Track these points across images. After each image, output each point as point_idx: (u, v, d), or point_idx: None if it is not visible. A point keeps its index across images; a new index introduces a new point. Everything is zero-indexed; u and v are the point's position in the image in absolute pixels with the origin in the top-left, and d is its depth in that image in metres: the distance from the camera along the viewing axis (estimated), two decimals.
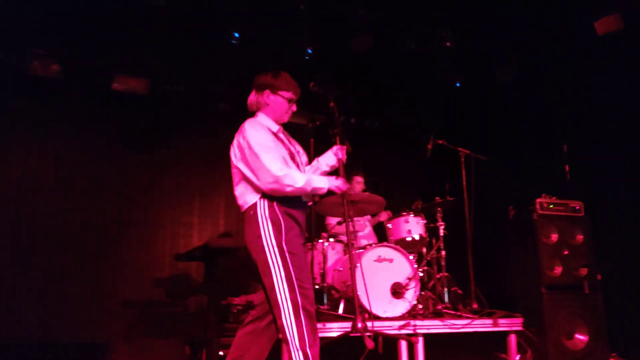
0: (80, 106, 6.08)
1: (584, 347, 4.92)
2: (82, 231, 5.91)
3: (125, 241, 6.11)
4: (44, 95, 5.89)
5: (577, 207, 5.37)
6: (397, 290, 4.43)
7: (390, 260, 4.54)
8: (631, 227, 5.75)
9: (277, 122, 3.19)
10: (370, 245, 4.67)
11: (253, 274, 3.32)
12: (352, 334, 3.22)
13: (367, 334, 2.96)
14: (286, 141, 3.22)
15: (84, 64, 5.95)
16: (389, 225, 5.13)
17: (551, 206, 5.25)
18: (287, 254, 2.91)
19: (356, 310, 3.35)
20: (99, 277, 5.90)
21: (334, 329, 4.04)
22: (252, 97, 3.22)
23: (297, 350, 2.81)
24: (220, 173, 6.66)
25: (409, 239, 4.86)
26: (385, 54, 6.53)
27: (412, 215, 4.91)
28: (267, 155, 2.97)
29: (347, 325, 4.09)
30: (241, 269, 6.24)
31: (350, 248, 3.44)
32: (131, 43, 5.96)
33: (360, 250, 4.68)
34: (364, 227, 5.55)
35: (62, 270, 5.76)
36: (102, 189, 6.09)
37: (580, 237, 5.24)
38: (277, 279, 2.89)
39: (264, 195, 3.00)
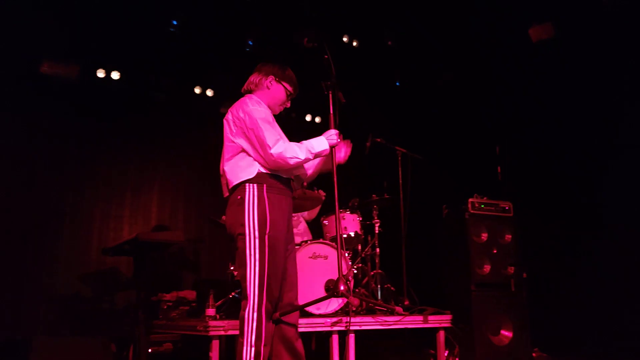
0: (4, 91, 5.72)
1: (509, 342, 5.10)
2: (5, 224, 5.57)
3: (50, 234, 5.80)
4: None
5: (507, 208, 5.55)
6: (331, 287, 4.43)
7: (325, 257, 4.54)
8: (556, 227, 6.03)
9: (272, 109, 3.23)
10: (306, 242, 4.65)
11: (185, 270, 3.29)
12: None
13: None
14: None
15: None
16: (325, 222, 5.14)
17: (482, 206, 5.40)
18: (267, 249, 2.89)
19: (339, 273, 3.17)
20: (22, 272, 5.59)
21: None
22: (254, 78, 3.24)
23: (251, 347, 2.80)
24: (153, 166, 6.46)
25: (344, 235, 4.87)
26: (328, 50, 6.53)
27: (348, 212, 4.92)
28: (270, 129, 2.98)
29: None
30: (173, 264, 6.09)
31: (339, 237, 3.49)
32: (62, 26, 5.66)
33: (296, 247, 4.65)
34: (298, 224, 5.52)
35: None
36: (26, 180, 5.75)
37: (508, 237, 5.43)
38: (250, 272, 2.87)
39: (255, 179, 2.96)
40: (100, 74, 6.07)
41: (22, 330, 5.18)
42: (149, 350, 4.41)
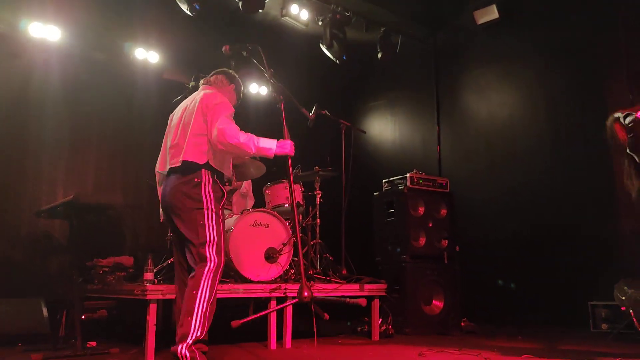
0: None
1: (440, 312, 5.34)
2: None
3: None
4: None
5: (444, 183, 5.76)
6: (271, 255, 4.48)
7: (267, 225, 4.57)
8: (487, 203, 6.33)
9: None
10: (248, 210, 4.66)
11: (123, 236, 3.30)
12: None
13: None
14: None
15: None
16: (267, 192, 5.15)
17: (420, 181, 5.58)
18: (222, 221, 3.38)
19: (302, 279, 3.46)
20: None
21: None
22: (221, 79, 3.80)
23: (205, 300, 3.16)
24: (90, 126, 6.25)
25: (286, 205, 4.91)
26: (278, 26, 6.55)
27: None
28: (227, 114, 3.38)
29: (219, 287, 4.08)
30: (110, 229, 5.95)
31: (296, 222, 3.62)
32: None
33: (238, 215, 4.66)
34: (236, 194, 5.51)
35: None
36: None
37: (444, 211, 5.64)
38: (210, 240, 3.26)
39: (208, 166, 3.36)
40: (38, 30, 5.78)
41: None
42: (82, 317, 4.32)
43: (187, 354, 3.05)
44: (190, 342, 3.07)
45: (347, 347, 4.44)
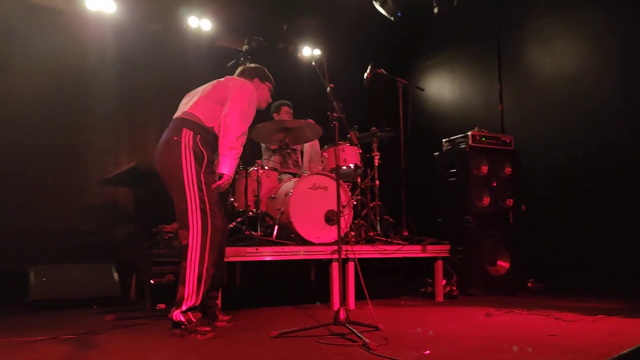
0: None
1: (505, 272, 5.19)
2: (2, 157, 5.52)
3: (49, 169, 5.78)
4: None
5: (508, 141, 5.53)
6: (331, 217, 4.45)
7: (325, 188, 4.53)
8: (554, 162, 6.03)
9: (258, 102, 3.70)
10: (305, 173, 4.63)
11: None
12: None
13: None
14: None
15: None
16: (325, 155, 5.10)
17: (483, 139, 5.37)
18: (204, 186, 3.25)
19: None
20: (21, 207, 5.59)
21: (266, 253, 4.04)
22: (248, 72, 3.79)
23: (195, 269, 3.17)
24: (149, 99, 6.36)
25: (344, 167, 4.84)
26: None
27: (347, 144, 4.88)
28: (248, 114, 3.45)
29: (279, 249, 4.11)
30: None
31: (338, 188, 3.50)
32: None
33: (296, 178, 4.64)
34: (293, 157, 5.48)
35: None
36: (20, 115, 5.65)
37: (508, 170, 5.43)
38: (191, 205, 3.22)
39: (190, 127, 3.31)
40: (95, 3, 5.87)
41: (23, 262, 5.23)
42: (151, 282, 4.46)
43: (182, 318, 3.12)
44: (185, 308, 3.13)
45: (411, 308, 4.39)
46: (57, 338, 3.04)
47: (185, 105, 3.49)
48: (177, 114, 3.49)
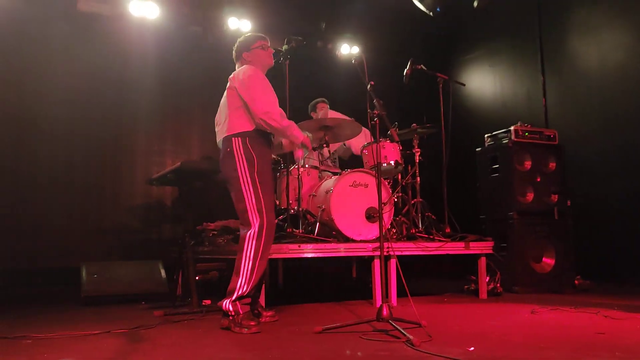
0: (43, 23, 5.76)
1: (551, 269, 5.10)
2: (50, 160, 5.75)
3: (97, 170, 6.00)
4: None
5: (552, 135, 5.42)
6: (372, 215, 4.46)
7: (366, 186, 4.55)
8: (601, 157, 5.86)
9: (264, 70, 3.75)
10: (346, 170, 4.66)
11: (228, 200, 3.47)
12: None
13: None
14: None
15: None
16: (365, 152, 5.11)
17: (526, 134, 5.28)
18: (259, 185, 3.45)
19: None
20: (71, 206, 5.82)
21: (308, 251, 4.09)
22: (239, 65, 3.77)
23: (250, 260, 3.36)
24: (191, 99, 6.50)
25: (384, 164, 4.84)
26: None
27: (388, 141, 4.87)
28: (265, 93, 3.51)
29: (321, 246, 4.15)
30: (216, 193, 6.21)
31: (379, 183, 3.49)
32: None
33: (336, 176, 4.67)
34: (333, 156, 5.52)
35: (34, 199, 5.66)
36: (66, 117, 5.87)
37: (553, 165, 5.32)
38: (249, 205, 3.43)
39: (237, 134, 3.49)
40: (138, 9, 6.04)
41: (75, 260, 5.44)
42: (197, 278, 4.57)
43: (231, 308, 3.28)
44: (234, 297, 3.29)
45: (454, 305, 4.37)
46: (111, 332, 3.16)
47: (223, 126, 3.64)
48: (220, 137, 3.65)
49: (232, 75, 3.66)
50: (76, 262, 5.04)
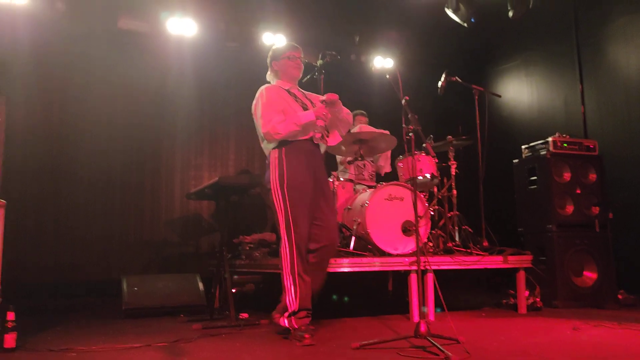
0: (84, 42, 5.96)
1: (593, 284, 4.97)
2: (92, 175, 5.92)
3: (137, 184, 6.15)
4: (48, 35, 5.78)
5: (592, 146, 5.31)
6: (408, 228, 4.45)
7: (401, 199, 4.54)
8: None
9: (291, 80, 3.80)
10: (381, 184, 4.66)
11: (263, 213, 3.52)
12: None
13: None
14: (299, 96, 3.76)
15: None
16: (400, 165, 5.10)
17: (565, 144, 5.19)
18: (287, 198, 3.45)
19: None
20: (111, 219, 5.97)
21: (344, 265, 4.09)
22: (267, 76, 3.86)
23: (289, 276, 3.40)
24: (227, 114, 6.61)
25: (420, 177, 4.82)
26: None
27: (423, 154, 4.86)
28: (265, 114, 3.54)
29: (356, 260, 4.15)
30: (252, 207, 6.30)
31: (415, 194, 3.49)
32: None
33: (371, 189, 4.68)
34: (369, 169, 5.51)
35: (75, 213, 5.82)
36: (107, 135, 6.04)
37: (593, 176, 5.21)
38: (280, 218, 3.48)
39: (275, 145, 3.56)
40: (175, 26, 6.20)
41: (115, 272, 5.59)
42: (233, 291, 4.63)
43: (286, 323, 3.39)
44: (287, 314, 3.39)
45: (493, 320, 4.30)
46: (151, 345, 3.23)
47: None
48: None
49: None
50: (116, 274, 5.19)
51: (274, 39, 6.68)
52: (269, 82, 3.85)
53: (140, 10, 6.10)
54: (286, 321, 3.40)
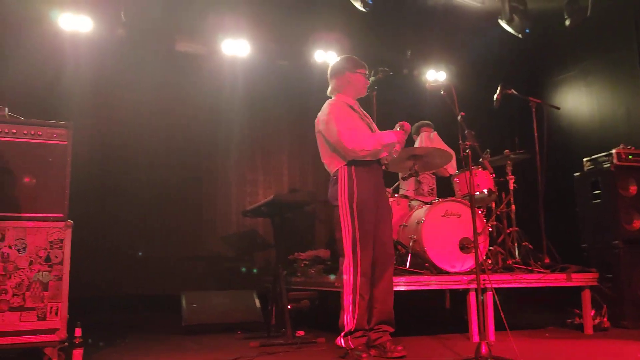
0: (143, 64, 6.17)
1: None
2: (150, 192, 6.08)
3: (192, 199, 6.28)
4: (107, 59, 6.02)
5: None
6: (465, 245, 4.36)
7: (458, 215, 4.46)
8: None
9: (356, 97, 3.79)
10: (437, 200, 4.59)
11: (318, 230, 3.53)
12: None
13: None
14: (361, 114, 3.75)
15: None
16: (456, 180, 5.02)
17: (630, 157, 4.98)
18: (356, 216, 3.43)
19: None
20: (168, 235, 6.11)
21: (400, 284, 4.03)
22: (333, 85, 3.81)
23: (349, 294, 3.36)
24: (279, 131, 6.70)
25: (477, 193, 4.73)
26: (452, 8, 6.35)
27: (480, 169, 4.76)
28: (344, 130, 3.49)
29: (413, 279, 4.08)
30: (306, 223, 6.33)
31: (473, 208, 3.40)
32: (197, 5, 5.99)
33: (427, 206, 4.61)
34: (429, 183, 5.43)
35: (134, 230, 5.99)
36: (163, 151, 6.20)
37: None
38: (345, 234, 3.44)
39: (346, 162, 3.53)
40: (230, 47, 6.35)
41: (173, 287, 5.70)
42: (289, 307, 4.65)
43: (343, 343, 3.38)
44: (343, 334, 3.38)
45: (558, 340, 4.14)
46: None
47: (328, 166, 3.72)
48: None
49: (317, 118, 3.72)
50: (173, 290, 5.28)
51: (325, 56, 6.73)
52: (330, 97, 3.82)
53: (198, 33, 6.28)
54: (342, 341, 3.38)
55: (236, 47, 6.36)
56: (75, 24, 5.68)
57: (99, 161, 5.94)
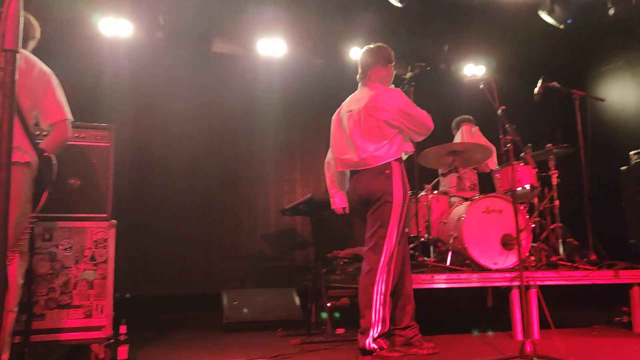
0: (180, 67, 6.27)
1: None
2: (192, 191, 6.19)
3: (232, 199, 6.36)
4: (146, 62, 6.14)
5: None
6: (508, 242, 4.26)
7: (500, 212, 4.36)
8: None
9: None
10: (478, 196, 4.51)
11: (357, 228, 3.49)
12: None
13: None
14: None
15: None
16: (497, 176, 4.91)
17: None
18: (404, 215, 3.37)
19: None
20: (210, 235, 6.21)
21: (440, 281, 3.98)
22: (382, 72, 3.66)
23: (380, 295, 3.26)
24: (316, 129, 6.71)
25: (519, 189, 4.62)
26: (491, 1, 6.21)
27: (522, 164, 4.65)
28: (420, 110, 3.50)
29: (454, 276, 4.03)
30: (344, 222, 6.31)
31: (514, 204, 3.32)
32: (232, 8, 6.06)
33: (468, 202, 4.54)
34: (471, 178, 5.34)
35: (176, 229, 6.10)
36: (204, 152, 6.29)
37: None
38: (394, 234, 3.32)
39: (395, 158, 3.42)
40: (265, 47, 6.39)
41: (214, 286, 5.78)
42: (328, 305, 4.65)
43: (375, 346, 3.22)
44: (376, 335, 3.23)
45: (605, 339, 4.01)
46: None
47: (366, 157, 3.48)
48: (369, 164, 3.47)
49: (365, 103, 3.49)
50: (214, 289, 5.36)
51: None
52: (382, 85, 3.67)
53: (234, 34, 6.35)
54: (374, 344, 3.21)
55: (272, 47, 6.40)
56: (115, 29, 5.81)
57: (140, 163, 6.07)
